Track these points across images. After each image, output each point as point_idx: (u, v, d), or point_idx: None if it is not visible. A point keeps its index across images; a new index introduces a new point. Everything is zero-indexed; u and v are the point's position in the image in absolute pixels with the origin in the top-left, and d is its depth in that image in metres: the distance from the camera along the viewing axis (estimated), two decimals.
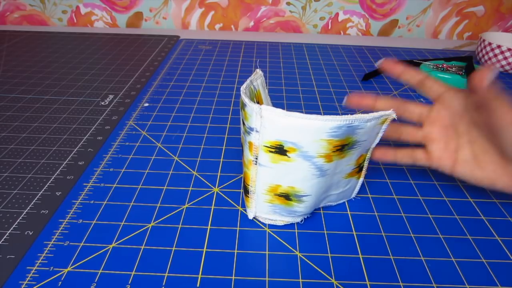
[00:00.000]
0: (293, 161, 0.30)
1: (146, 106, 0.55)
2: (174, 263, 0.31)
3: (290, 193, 0.32)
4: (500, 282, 0.30)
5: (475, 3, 0.89)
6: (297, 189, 0.31)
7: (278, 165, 0.30)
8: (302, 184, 0.31)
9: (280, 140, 0.29)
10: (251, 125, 0.30)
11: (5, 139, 0.46)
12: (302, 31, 0.95)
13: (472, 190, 0.40)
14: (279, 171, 0.31)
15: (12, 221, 0.34)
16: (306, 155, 0.29)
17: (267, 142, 0.30)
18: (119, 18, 0.94)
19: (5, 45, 0.77)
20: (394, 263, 0.31)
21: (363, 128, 0.30)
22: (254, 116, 0.29)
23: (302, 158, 0.29)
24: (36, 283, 0.29)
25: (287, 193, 0.32)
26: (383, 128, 0.32)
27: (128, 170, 0.41)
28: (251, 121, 0.29)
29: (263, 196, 0.33)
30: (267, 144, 0.30)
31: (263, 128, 0.29)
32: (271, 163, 0.30)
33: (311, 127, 0.28)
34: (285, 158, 0.30)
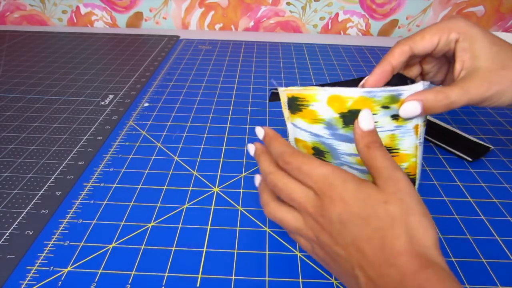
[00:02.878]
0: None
1: (146, 106, 0.55)
2: (174, 263, 0.31)
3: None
4: (500, 282, 0.30)
5: (475, 3, 0.89)
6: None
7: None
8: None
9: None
10: None
11: (5, 139, 0.46)
12: (302, 31, 0.95)
13: (472, 190, 0.40)
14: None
15: (12, 221, 0.34)
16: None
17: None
18: (119, 18, 0.93)
19: (5, 45, 0.77)
20: None
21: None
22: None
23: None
24: (36, 283, 0.29)
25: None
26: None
27: (128, 170, 0.41)
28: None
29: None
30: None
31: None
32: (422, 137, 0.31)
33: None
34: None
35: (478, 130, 0.50)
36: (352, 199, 0.24)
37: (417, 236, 0.22)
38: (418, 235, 0.22)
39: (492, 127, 0.51)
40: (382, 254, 0.22)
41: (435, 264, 0.21)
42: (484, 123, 0.52)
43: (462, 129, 0.50)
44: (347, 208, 0.24)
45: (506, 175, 0.42)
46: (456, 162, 0.44)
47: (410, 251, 0.22)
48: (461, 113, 0.54)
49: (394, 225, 0.23)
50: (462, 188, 0.40)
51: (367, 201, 0.24)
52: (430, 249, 0.22)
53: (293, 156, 0.27)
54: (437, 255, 0.22)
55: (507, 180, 0.41)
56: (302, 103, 0.31)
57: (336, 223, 0.25)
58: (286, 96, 0.31)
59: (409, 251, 0.22)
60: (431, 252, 0.22)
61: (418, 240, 0.22)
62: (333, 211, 0.25)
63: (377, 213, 0.23)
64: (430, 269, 0.21)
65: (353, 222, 0.24)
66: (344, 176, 0.25)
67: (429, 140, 0.47)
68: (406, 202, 0.23)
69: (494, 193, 0.39)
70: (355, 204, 0.24)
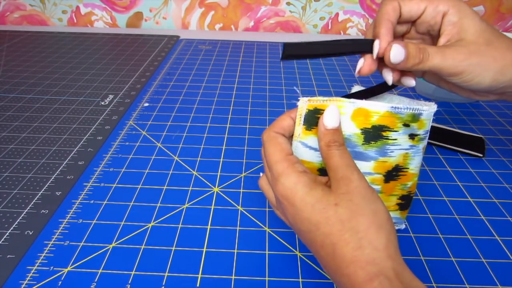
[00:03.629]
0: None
1: (146, 106, 0.55)
2: (174, 263, 0.31)
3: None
4: (500, 282, 0.30)
5: (475, 3, 0.89)
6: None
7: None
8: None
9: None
10: (428, 128, 0.29)
11: (5, 139, 0.46)
12: (302, 31, 0.95)
13: (472, 190, 0.40)
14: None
15: (12, 221, 0.34)
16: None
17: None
18: (119, 18, 0.93)
19: (5, 45, 0.77)
20: None
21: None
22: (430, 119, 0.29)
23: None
24: (36, 282, 0.29)
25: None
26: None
27: (128, 170, 0.41)
28: (428, 124, 0.29)
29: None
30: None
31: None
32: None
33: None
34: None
35: (478, 130, 0.50)
36: (301, 203, 0.24)
37: (366, 238, 0.22)
38: (367, 236, 0.22)
39: (492, 127, 0.51)
40: (334, 262, 0.22)
41: (382, 275, 0.21)
42: (484, 123, 0.52)
43: (462, 129, 0.50)
44: (297, 212, 0.24)
45: (506, 175, 0.42)
46: (456, 162, 0.44)
47: (358, 260, 0.21)
48: (461, 113, 0.54)
49: (343, 230, 0.22)
50: (462, 188, 0.40)
51: (316, 205, 0.23)
52: (380, 251, 0.21)
53: (265, 141, 0.27)
54: (386, 259, 0.21)
55: (507, 180, 0.41)
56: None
57: (293, 224, 0.25)
58: (306, 108, 0.28)
59: (357, 260, 0.21)
60: (382, 256, 0.21)
61: (367, 243, 0.22)
62: (287, 213, 0.25)
63: (327, 217, 0.23)
64: (376, 281, 0.20)
65: (305, 227, 0.24)
66: (296, 178, 0.24)
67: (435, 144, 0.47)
68: (356, 202, 0.23)
69: (494, 193, 0.39)
70: (304, 209, 0.23)
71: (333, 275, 0.23)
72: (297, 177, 0.24)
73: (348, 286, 0.22)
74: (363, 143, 0.28)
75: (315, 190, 0.24)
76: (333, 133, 0.26)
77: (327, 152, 0.26)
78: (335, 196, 0.23)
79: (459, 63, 0.29)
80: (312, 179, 0.25)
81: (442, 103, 0.57)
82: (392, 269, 0.21)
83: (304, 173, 0.25)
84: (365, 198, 0.23)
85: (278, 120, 0.29)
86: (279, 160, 0.26)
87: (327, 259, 0.23)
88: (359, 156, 0.28)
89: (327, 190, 0.24)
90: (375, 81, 0.65)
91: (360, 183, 0.24)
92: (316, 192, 0.24)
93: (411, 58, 0.29)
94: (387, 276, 0.21)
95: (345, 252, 0.22)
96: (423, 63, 0.29)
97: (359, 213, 0.22)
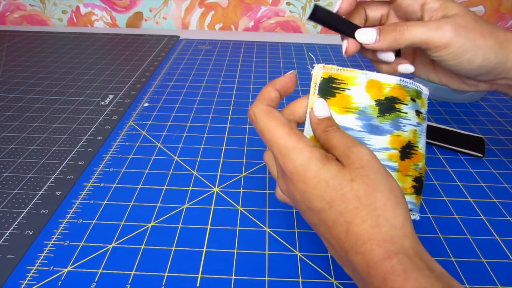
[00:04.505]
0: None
1: (146, 106, 0.55)
2: (174, 263, 0.31)
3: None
4: (500, 282, 0.30)
5: (475, 3, 0.89)
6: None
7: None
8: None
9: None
10: (427, 109, 0.30)
11: (5, 139, 0.46)
12: (302, 31, 0.95)
13: (472, 190, 0.40)
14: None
15: (12, 221, 0.34)
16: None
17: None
18: (119, 18, 0.93)
19: (5, 45, 0.77)
20: None
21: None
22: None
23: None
24: (36, 282, 0.29)
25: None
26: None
27: (128, 170, 0.41)
28: (426, 105, 0.30)
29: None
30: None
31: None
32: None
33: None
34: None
35: (478, 130, 0.50)
36: (314, 180, 0.22)
37: (384, 216, 0.21)
38: (385, 214, 0.21)
39: (492, 127, 0.51)
40: (348, 239, 0.21)
41: (401, 253, 0.20)
42: (484, 123, 0.52)
43: (462, 129, 0.50)
44: (308, 190, 0.22)
45: (506, 175, 0.42)
46: (456, 162, 0.44)
47: (375, 238, 0.20)
48: (461, 113, 0.54)
49: (360, 207, 0.21)
50: (462, 188, 0.40)
51: (331, 182, 0.22)
52: (398, 230, 0.21)
53: (259, 116, 0.25)
54: (404, 237, 0.20)
55: (507, 180, 0.41)
56: (339, 86, 0.28)
57: (301, 202, 0.24)
58: (321, 76, 0.28)
59: (374, 237, 0.20)
60: (399, 234, 0.20)
61: (385, 221, 0.21)
62: (295, 191, 0.24)
63: (342, 194, 0.22)
64: (395, 259, 0.20)
65: (316, 205, 0.22)
66: (309, 154, 0.23)
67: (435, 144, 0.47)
68: (371, 177, 0.22)
69: (494, 193, 0.39)
70: (318, 186, 0.22)
71: (343, 255, 0.22)
72: (310, 152, 0.23)
73: (362, 265, 0.20)
74: (378, 115, 0.28)
75: (329, 165, 0.22)
76: (327, 120, 0.26)
77: (327, 136, 0.25)
78: (350, 171, 0.22)
79: (445, 33, 0.28)
80: (324, 154, 0.23)
81: (442, 103, 0.57)
82: (411, 248, 0.20)
83: (315, 148, 0.23)
84: (379, 172, 0.22)
85: (263, 93, 0.27)
86: (285, 135, 0.24)
87: (338, 238, 0.22)
88: (375, 130, 0.28)
89: (340, 166, 0.23)
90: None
91: (371, 157, 0.23)
92: (331, 168, 0.22)
93: (386, 34, 0.28)
94: (406, 254, 0.20)
95: (361, 230, 0.21)
96: (401, 35, 0.28)
97: (376, 188, 0.21)
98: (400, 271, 0.19)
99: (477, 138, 0.46)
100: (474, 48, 0.29)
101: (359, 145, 0.23)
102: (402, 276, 0.19)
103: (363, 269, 0.21)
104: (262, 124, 0.25)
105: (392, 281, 0.19)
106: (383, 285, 0.19)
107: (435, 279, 0.19)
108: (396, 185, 0.22)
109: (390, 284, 0.19)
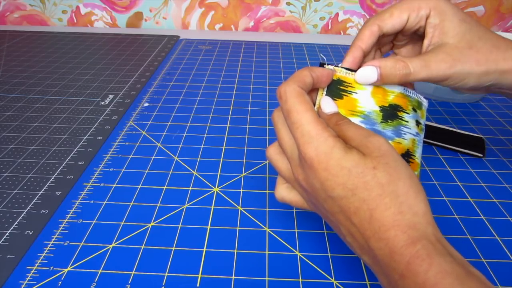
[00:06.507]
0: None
1: (146, 106, 0.55)
2: (174, 263, 0.31)
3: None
4: (500, 282, 0.30)
5: (475, 3, 0.89)
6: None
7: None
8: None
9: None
10: (425, 120, 0.31)
11: (5, 139, 0.46)
12: (302, 31, 0.95)
13: (472, 190, 0.40)
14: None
15: (12, 221, 0.34)
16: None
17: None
18: (119, 18, 0.93)
19: (5, 45, 0.77)
20: None
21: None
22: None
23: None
24: (36, 282, 0.29)
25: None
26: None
27: (128, 170, 0.41)
28: (425, 115, 0.31)
29: None
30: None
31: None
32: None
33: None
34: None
35: (478, 130, 0.50)
36: (336, 168, 0.23)
37: (407, 203, 0.21)
38: (407, 201, 0.21)
39: (492, 127, 0.51)
40: (371, 226, 0.22)
41: (424, 239, 0.20)
42: (484, 123, 0.52)
43: (462, 129, 0.50)
44: (330, 177, 0.23)
45: (506, 175, 0.42)
46: (456, 162, 0.44)
47: (399, 224, 0.21)
48: (461, 113, 0.54)
49: (383, 194, 0.22)
50: (462, 188, 0.40)
51: (354, 170, 0.22)
52: (420, 217, 0.21)
53: (290, 95, 0.25)
54: (426, 224, 0.21)
55: (507, 180, 0.41)
56: (347, 89, 0.28)
57: (321, 191, 0.24)
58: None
59: (398, 224, 0.21)
60: (422, 221, 0.21)
61: (408, 208, 0.21)
62: (315, 179, 0.24)
63: (365, 181, 0.22)
64: (419, 244, 0.20)
65: (338, 193, 0.23)
66: (333, 142, 0.23)
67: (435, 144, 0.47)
68: (392, 166, 0.22)
69: (494, 193, 0.39)
70: (340, 174, 0.22)
71: (363, 242, 0.22)
72: (334, 141, 0.23)
73: (385, 250, 0.21)
74: (381, 121, 0.28)
75: (351, 154, 0.23)
76: (337, 114, 0.27)
77: (340, 128, 0.25)
78: (371, 159, 0.22)
79: (444, 71, 0.29)
80: (345, 144, 0.24)
81: (442, 103, 0.57)
82: (433, 234, 0.21)
83: (338, 138, 0.24)
84: (398, 161, 0.23)
85: (299, 75, 0.26)
86: (312, 121, 0.24)
87: (361, 225, 0.22)
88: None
89: (362, 154, 0.23)
90: None
91: (389, 146, 0.23)
92: (353, 156, 0.23)
93: (387, 78, 0.28)
94: (429, 240, 0.20)
95: (385, 216, 0.21)
96: (404, 78, 0.29)
97: (397, 176, 0.22)
98: (424, 256, 0.20)
99: (477, 138, 0.46)
100: (470, 75, 0.30)
101: (375, 135, 0.24)
102: (426, 261, 0.20)
103: (385, 254, 0.21)
104: (291, 103, 0.25)
105: (417, 265, 0.20)
106: (407, 270, 0.20)
107: (457, 265, 0.20)
108: (414, 174, 0.23)
109: (414, 269, 0.20)
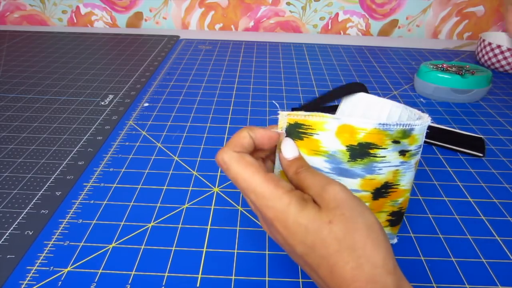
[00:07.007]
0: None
1: (146, 106, 0.55)
2: (174, 263, 0.31)
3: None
4: (500, 282, 0.30)
5: (475, 3, 0.89)
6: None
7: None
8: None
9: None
10: (420, 143, 0.28)
11: (5, 139, 0.46)
12: (302, 31, 0.95)
13: (472, 190, 0.40)
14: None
15: (12, 221, 0.34)
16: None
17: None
18: (119, 18, 0.93)
19: (5, 45, 0.77)
20: None
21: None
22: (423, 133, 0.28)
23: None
24: (36, 283, 0.29)
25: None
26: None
27: (128, 170, 0.41)
28: (421, 139, 0.28)
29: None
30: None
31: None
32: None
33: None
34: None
35: (478, 130, 0.50)
36: (294, 225, 0.22)
37: (365, 256, 0.21)
38: (365, 254, 0.21)
39: (492, 127, 0.51)
40: (333, 281, 0.22)
41: None
42: (484, 123, 0.52)
43: (462, 129, 0.50)
44: (290, 235, 0.23)
45: (506, 175, 0.42)
46: (456, 162, 0.44)
47: (358, 279, 0.21)
48: (461, 113, 0.54)
49: (340, 250, 0.21)
50: (462, 188, 0.40)
51: (310, 226, 0.22)
52: (380, 267, 0.21)
53: (230, 163, 0.24)
54: (386, 275, 0.21)
55: (507, 180, 0.41)
56: (306, 131, 0.27)
57: (285, 245, 0.24)
58: (287, 122, 0.27)
59: (357, 279, 0.21)
60: (382, 272, 0.21)
61: (366, 261, 0.21)
62: (278, 235, 0.24)
63: (322, 238, 0.22)
64: None
65: (299, 250, 0.23)
66: (288, 199, 0.23)
67: (435, 144, 0.47)
68: (349, 216, 0.22)
69: (494, 193, 0.39)
70: (298, 231, 0.22)
71: None
72: (289, 198, 0.23)
73: None
74: (348, 160, 0.27)
75: (306, 209, 0.22)
76: (297, 160, 0.26)
77: (299, 177, 0.25)
78: (327, 212, 0.22)
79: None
80: (300, 197, 0.23)
81: (442, 103, 0.57)
82: (393, 285, 0.21)
83: (292, 192, 0.23)
84: (354, 209, 0.22)
85: (236, 138, 0.26)
86: (262, 182, 0.23)
87: (325, 280, 0.22)
88: (345, 173, 0.27)
89: (317, 208, 0.23)
90: (377, 86, 0.65)
91: (345, 194, 0.23)
92: (308, 212, 0.22)
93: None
94: None
95: (344, 272, 0.21)
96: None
97: (354, 227, 0.22)
98: None
99: (477, 138, 0.46)
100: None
101: (332, 183, 0.23)
102: None
103: None
104: (234, 172, 0.24)
105: None
106: None
107: None
108: (374, 220, 0.22)
109: None
